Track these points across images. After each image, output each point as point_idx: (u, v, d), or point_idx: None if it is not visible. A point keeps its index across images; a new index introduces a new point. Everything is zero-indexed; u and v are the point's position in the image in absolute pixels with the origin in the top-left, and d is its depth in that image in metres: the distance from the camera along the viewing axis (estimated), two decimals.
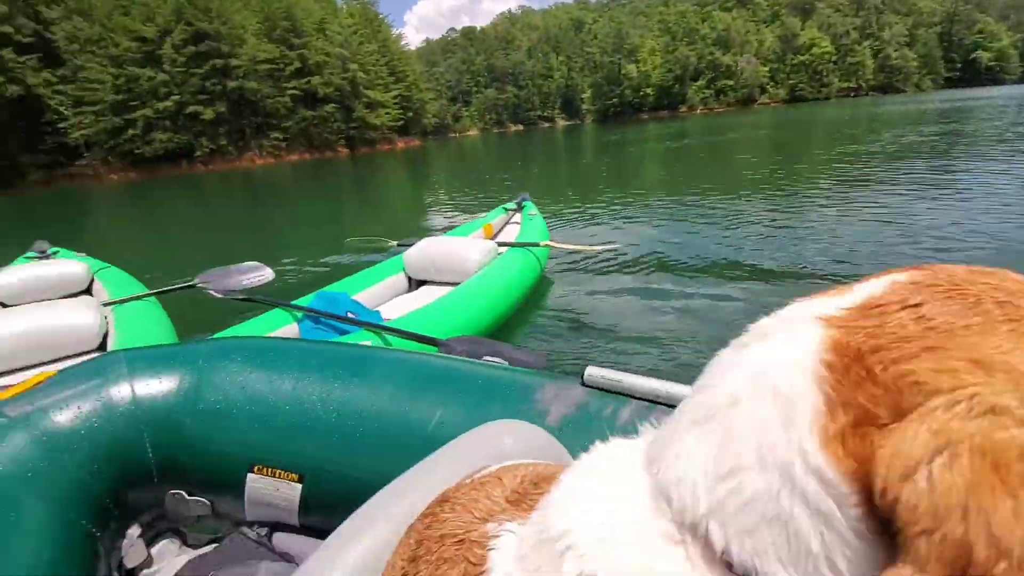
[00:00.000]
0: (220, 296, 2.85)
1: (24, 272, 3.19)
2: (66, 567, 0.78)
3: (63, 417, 0.92)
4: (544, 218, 4.24)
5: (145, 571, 1.02)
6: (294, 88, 34.10)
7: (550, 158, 18.45)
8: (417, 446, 0.85)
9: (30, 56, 28.58)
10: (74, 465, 0.89)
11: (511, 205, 4.52)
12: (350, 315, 2.29)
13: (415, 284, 3.19)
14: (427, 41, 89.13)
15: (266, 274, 3.11)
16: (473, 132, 70.89)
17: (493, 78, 75.40)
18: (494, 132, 68.17)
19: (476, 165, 18.94)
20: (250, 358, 1.05)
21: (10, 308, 2.99)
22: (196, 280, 3.03)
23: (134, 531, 1.00)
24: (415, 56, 63.46)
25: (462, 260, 2.94)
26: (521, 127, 71.64)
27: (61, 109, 29.16)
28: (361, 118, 38.03)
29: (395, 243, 3.77)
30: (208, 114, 30.71)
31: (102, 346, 2.39)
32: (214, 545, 1.07)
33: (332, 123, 36.48)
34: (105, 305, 2.70)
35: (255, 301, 2.77)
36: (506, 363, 1.10)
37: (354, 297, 2.62)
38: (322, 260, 5.30)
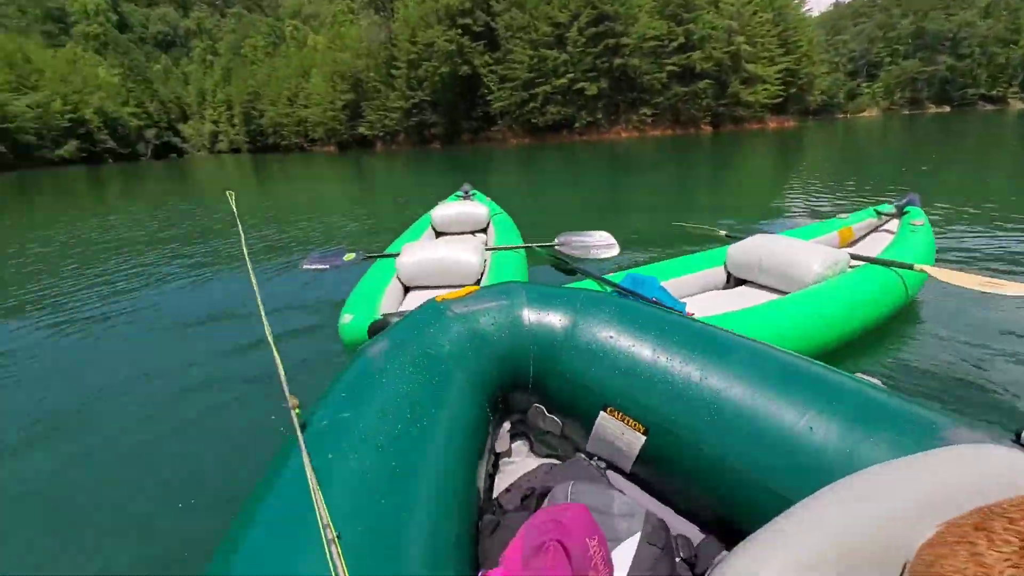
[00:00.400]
0: (565, 259, 2.97)
1: (452, 208, 4.18)
2: (471, 430, 1.02)
3: (484, 321, 1.18)
4: (935, 232, 3.25)
5: (505, 459, 1.26)
6: (673, 64, 34.59)
7: (985, 153, 13.79)
8: (783, 441, 0.88)
9: (479, 43, 37.16)
10: (486, 359, 1.14)
11: (888, 208, 3.60)
12: (654, 301, 2.28)
13: (733, 282, 2.89)
14: (836, 5, 76.47)
15: (614, 249, 3.20)
16: (871, 112, 58.68)
17: (920, 45, 59.87)
18: (903, 113, 54.86)
19: (863, 153, 15.69)
20: (617, 314, 1.17)
21: (440, 237, 3.94)
22: (556, 241, 3.30)
23: (506, 425, 1.23)
24: (814, 24, 55.36)
25: (797, 266, 2.51)
26: (947, 108, 55.57)
27: (491, 85, 37.13)
28: (734, 94, 36.00)
29: (723, 233, 3.47)
30: (592, 90, 34.20)
31: (477, 283, 2.80)
32: (553, 460, 1.23)
33: (702, 99, 35.70)
34: (487, 249, 3.20)
35: (576, 271, 2.93)
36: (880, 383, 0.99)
37: (663, 284, 2.48)
38: (646, 237, 5.31)
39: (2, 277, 5.42)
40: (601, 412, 1.09)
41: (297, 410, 0.86)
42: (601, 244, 3.27)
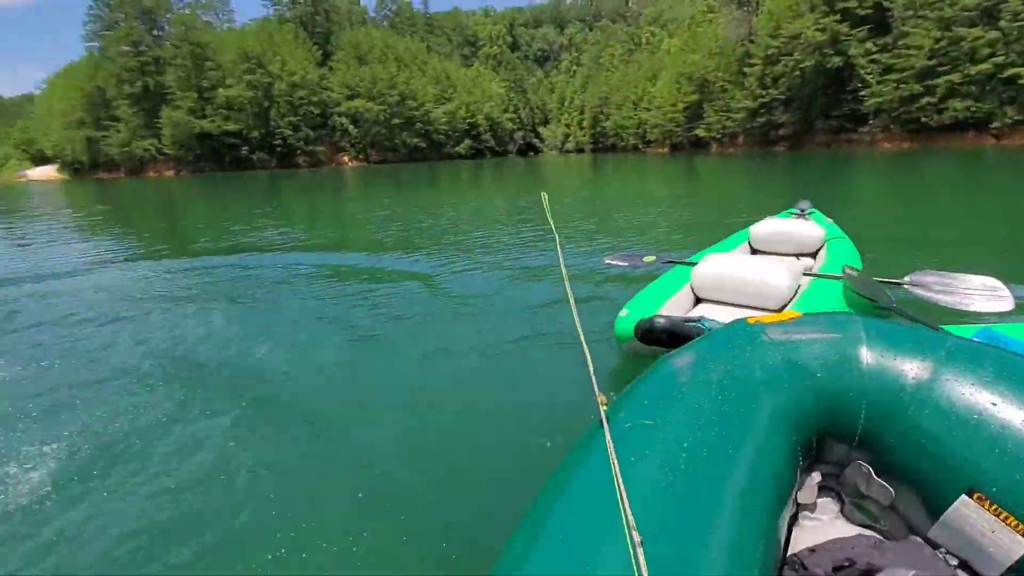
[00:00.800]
0: (869, 293, 2.27)
1: (775, 226, 3.76)
2: (777, 471, 0.90)
3: (805, 353, 1.05)
4: None
5: (807, 513, 1.09)
6: None
7: None
8: None
9: (861, 28, 31.24)
10: (804, 395, 1.01)
11: None
12: None
13: None
14: None
15: (1003, 304, 2.26)
16: None
17: None
18: None
19: None
20: (1008, 375, 0.90)
21: (755, 254, 3.69)
22: (906, 279, 2.57)
23: (815, 476, 1.07)
24: None
25: None
26: None
27: (868, 78, 30.94)
28: None
29: None
30: None
31: (780, 310, 2.47)
32: (874, 534, 1.03)
33: None
34: (806, 274, 2.80)
35: (892, 312, 2.13)
36: None
37: None
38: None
39: (413, 235, 7.74)
40: (963, 496, 0.87)
41: (604, 407, 0.89)
42: (980, 292, 2.33)
